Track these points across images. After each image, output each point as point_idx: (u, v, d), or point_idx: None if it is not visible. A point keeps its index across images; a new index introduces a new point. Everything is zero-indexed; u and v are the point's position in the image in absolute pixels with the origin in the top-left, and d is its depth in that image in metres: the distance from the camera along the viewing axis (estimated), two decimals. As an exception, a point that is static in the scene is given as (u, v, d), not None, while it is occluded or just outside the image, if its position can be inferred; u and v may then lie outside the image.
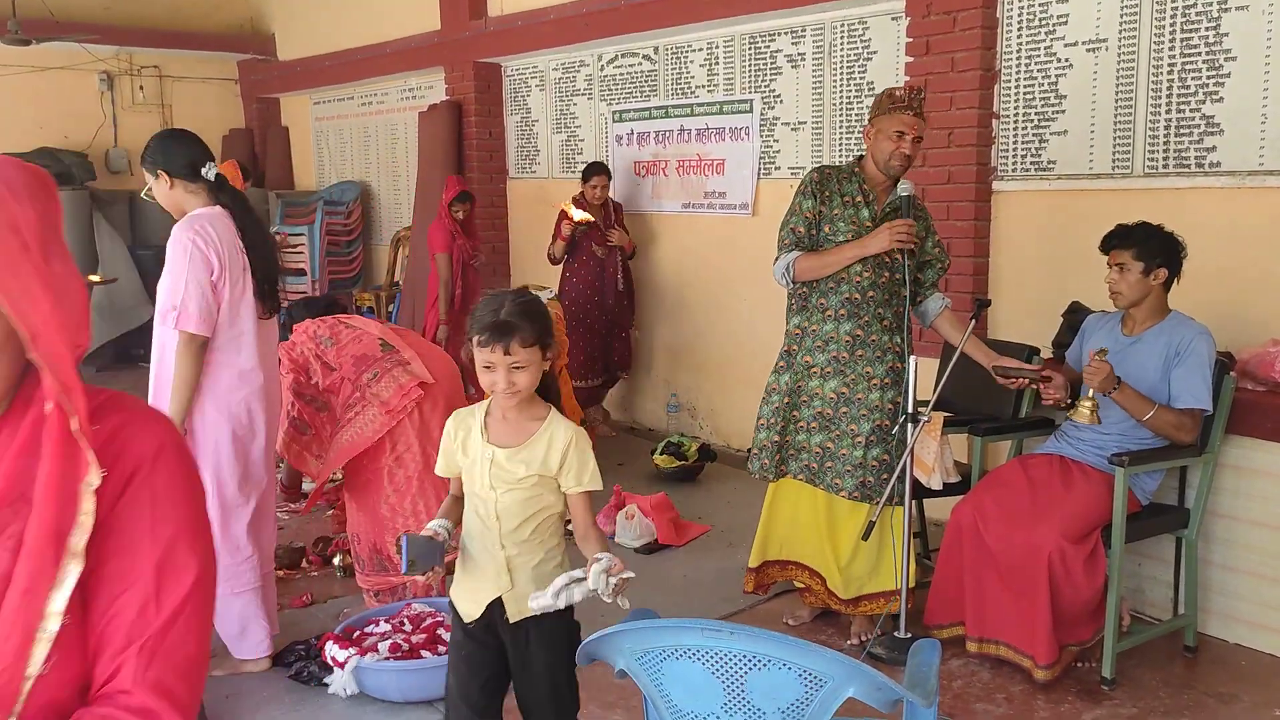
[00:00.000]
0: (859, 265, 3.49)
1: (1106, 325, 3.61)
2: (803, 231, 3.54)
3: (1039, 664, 3.25)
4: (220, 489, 3.22)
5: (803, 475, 3.60)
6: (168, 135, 3.29)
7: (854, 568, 3.60)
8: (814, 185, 3.56)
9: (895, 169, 3.51)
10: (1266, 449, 3.48)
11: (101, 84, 9.90)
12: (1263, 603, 3.53)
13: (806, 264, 3.51)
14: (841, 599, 3.61)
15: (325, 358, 3.74)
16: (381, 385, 3.63)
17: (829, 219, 3.54)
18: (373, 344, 3.75)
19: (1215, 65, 4.06)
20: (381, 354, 3.71)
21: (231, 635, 3.38)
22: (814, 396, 3.56)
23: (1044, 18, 4.59)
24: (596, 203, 6.25)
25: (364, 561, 3.78)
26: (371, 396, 3.62)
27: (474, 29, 7.60)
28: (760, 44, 5.90)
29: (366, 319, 4.11)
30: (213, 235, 3.12)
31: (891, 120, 3.47)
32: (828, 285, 3.53)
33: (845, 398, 3.53)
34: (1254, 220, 3.99)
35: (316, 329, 3.80)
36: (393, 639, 3.32)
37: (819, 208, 3.54)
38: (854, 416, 3.53)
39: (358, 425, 3.63)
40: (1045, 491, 3.40)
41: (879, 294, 3.52)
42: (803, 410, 3.59)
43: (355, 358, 3.72)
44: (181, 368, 3.08)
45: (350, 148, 9.75)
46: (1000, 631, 3.35)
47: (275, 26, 10.41)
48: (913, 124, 3.47)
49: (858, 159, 3.65)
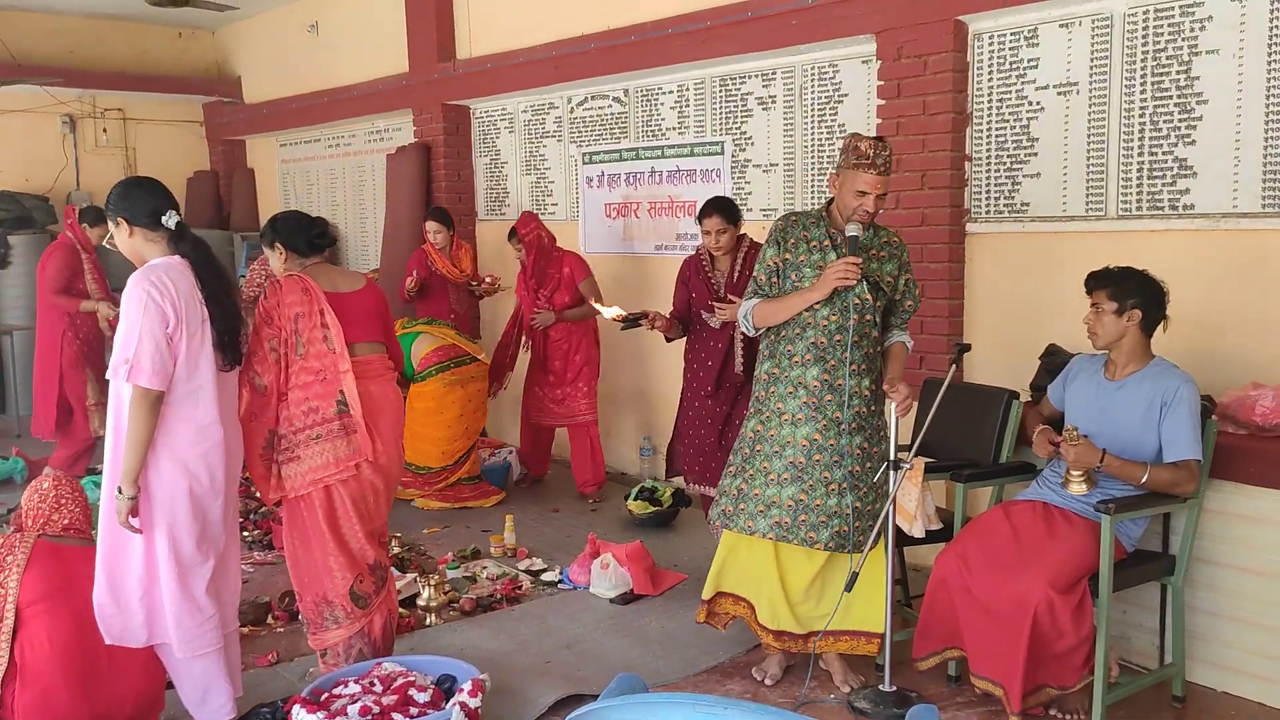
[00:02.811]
0: (825, 309, 3.45)
1: (1091, 368, 3.58)
2: (763, 279, 3.57)
3: (1012, 710, 3.20)
4: (176, 547, 3.09)
5: (773, 534, 3.51)
6: (130, 183, 3.20)
7: (805, 607, 3.60)
8: (778, 234, 3.57)
9: (860, 222, 3.47)
10: (1249, 494, 3.45)
11: (64, 127, 9.77)
12: (1250, 650, 3.49)
13: (764, 310, 3.53)
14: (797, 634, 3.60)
15: (287, 351, 3.44)
16: (316, 448, 3.42)
17: (795, 266, 3.52)
18: (330, 395, 3.43)
19: (1187, 108, 4.08)
20: (334, 414, 3.43)
21: (193, 700, 3.24)
22: (786, 445, 3.50)
23: (1014, 61, 4.60)
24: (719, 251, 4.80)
25: (309, 620, 3.60)
26: (304, 448, 3.42)
27: (443, 71, 7.57)
28: (731, 86, 5.89)
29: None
30: (169, 286, 3.02)
31: (855, 178, 3.42)
32: (794, 331, 3.50)
33: (818, 444, 3.47)
34: (1229, 262, 3.99)
35: (298, 315, 3.43)
36: (362, 701, 3.19)
37: (783, 255, 3.54)
38: (826, 464, 3.47)
39: (290, 470, 3.44)
40: (1030, 540, 3.34)
41: (846, 337, 3.47)
42: (774, 462, 3.52)
43: (306, 390, 3.44)
44: (135, 423, 2.97)
45: (317, 189, 9.66)
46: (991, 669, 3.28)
47: (242, 69, 10.35)
48: (875, 184, 3.41)
49: (828, 202, 3.62)
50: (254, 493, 5.91)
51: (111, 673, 3.15)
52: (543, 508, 5.96)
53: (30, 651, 3.05)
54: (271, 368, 3.42)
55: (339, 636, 3.54)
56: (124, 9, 9.18)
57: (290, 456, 3.45)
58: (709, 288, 4.73)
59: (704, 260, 4.78)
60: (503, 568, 4.93)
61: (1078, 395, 3.58)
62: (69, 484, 3.41)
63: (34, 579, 3.10)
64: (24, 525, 3.30)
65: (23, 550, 3.15)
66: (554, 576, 4.82)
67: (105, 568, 3.10)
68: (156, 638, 3.16)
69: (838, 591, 3.47)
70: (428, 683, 3.34)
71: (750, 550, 3.64)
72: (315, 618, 3.56)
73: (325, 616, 3.54)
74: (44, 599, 3.09)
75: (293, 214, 3.77)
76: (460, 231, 7.73)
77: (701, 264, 4.78)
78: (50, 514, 3.30)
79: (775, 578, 3.60)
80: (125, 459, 2.98)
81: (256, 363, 3.42)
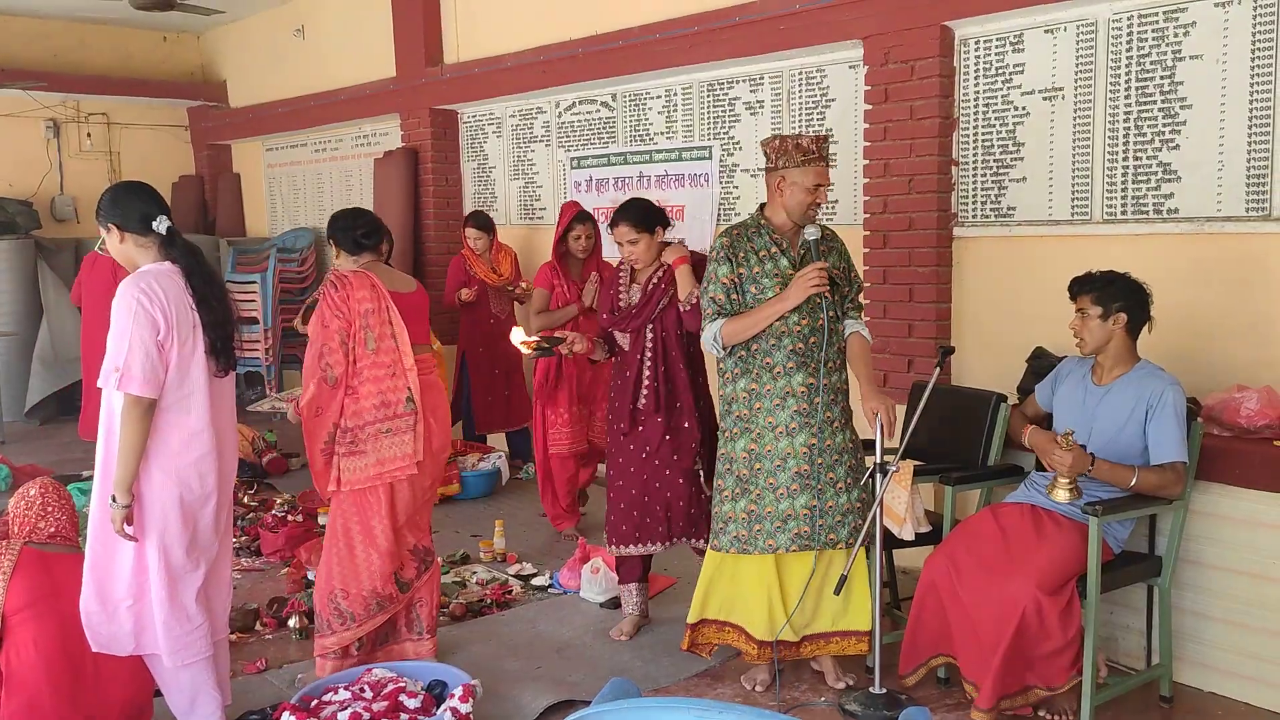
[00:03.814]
0: (795, 315, 3.47)
1: (1079, 371, 3.61)
2: (723, 299, 3.53)
3: (979, 706, 3.21)
4: (166, 555, 3.07)
5: (796, 545, 3.51)
6: (121, 188, 3.18)
7: (801, 616, 3.60)
8: (726, 250, 3.55)
9: (809, 219, 3.51)
10: (1235, 495, 3.48)
11: (48, 131, 9.73)
12: (1237, 650, 3.51)
13: (732, 328, 3.49)
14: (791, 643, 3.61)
15: (355, 345, 3.57)
16: (386, 442, 3.58)
17: (751, 279, 3.52)
18: (400, 390, 3.60)
19: (1171, 113, 4.11)
20: (405, 410, 3.60)
21: (181, 708, 3.22)
22: (787, 457, 3.49)
23: (1000, 66, 4.63)
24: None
25: (326, 620, 3.66)
26: (372, 442, 3.57)
27: (430, 75, 7.56)
28: (719, 91, 5.91)
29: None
30: (159, 293, 3.00)
31: (806, 174, 3.46)
32: (769, 343, 3.49)
33: (817, 448, 3.49)
34: (1213, 266, 4.03)
35: (368, 311, 3.58)
36: (352, 708, 3.18)
37: (737, 271, 3.53)
38: (829, 464, 3.50)
39: (352, 464, 3.58)
40: (1018, 542, 3.36)
41: (820, 338, 3.50)
42: (779, 476, 3.51)
43: (378, 384, 3.59)
44: (127, 431, 2.95)
45: (304, 194, 9.63)
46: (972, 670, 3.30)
47: (227, 73, 10.31)
48: (825, 175, 3.51)
49: (760, 209, 3.63)
50: (241, 499, 5.90)
51: (98, 680, 3.13)
52: (532, 513, 5.95)
53: (16, 659, 3.03)
54: (341, 360, 3.55)
55: (350, 638, 3.64)
56: (108, 13, 9.14)
57: (354, 450, 3.57)
58: (615, 308, 4.12)
59: (622, 274, 4.18)
60: (493, 573, 4.92)
61: (1065, 398, 3.60)
62: (56, 491, 3.40)
63: (20, 586, 3.09)
64: (10, 532, 3.28)
65: (9, 557, 3.13)
66: (544, 581, 4.82)
67: (94, 575, 3.08)
68: (144, 648, 3.13)
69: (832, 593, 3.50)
70: (418, 688, 3.34)
71: (748, 566, 3.61)
72: (348, 614, 3.64)
73: (368, 609, 3.64)
74: (29, 606, 3.07)
75: (344, 212, 3.89)
76: (449, 236, 7.74)
77: (620, 277, 4.19)
78: (37, 521, 3.28)
79: (776, 588, 3.58)
80: (118, 467, 2.96)
81: (328, 354, 3.54)
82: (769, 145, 3.55)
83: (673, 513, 4.02)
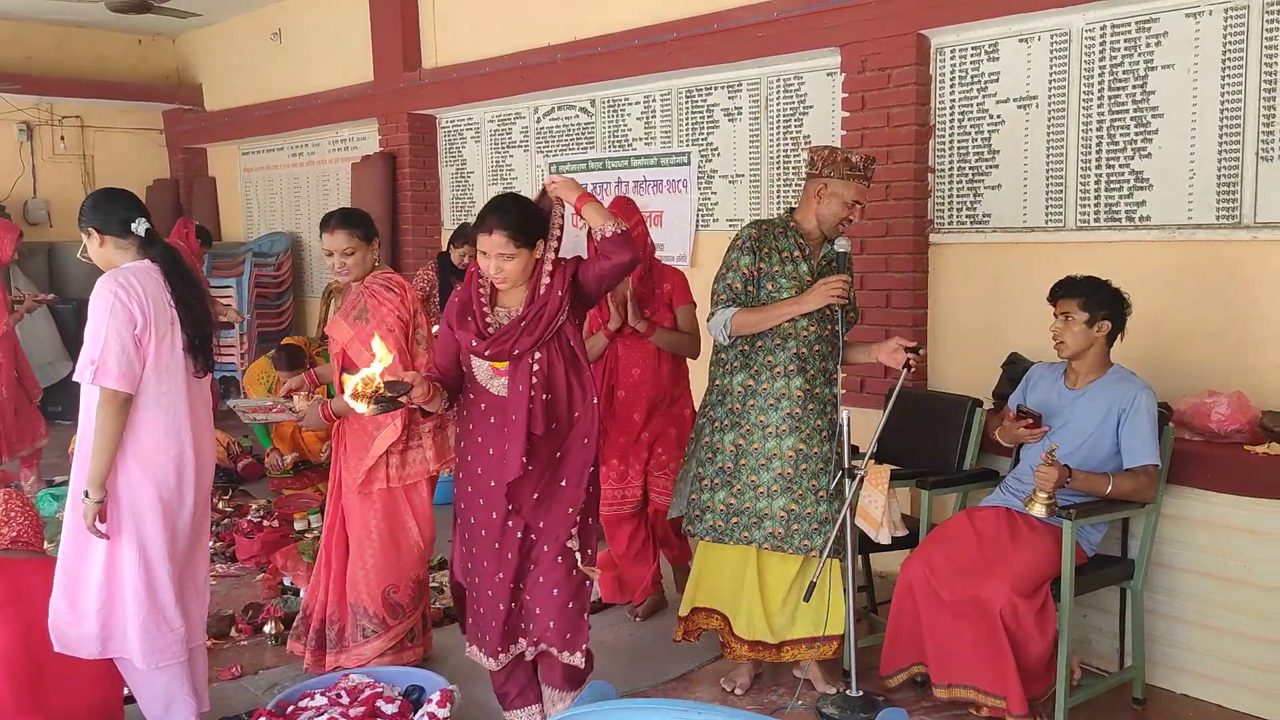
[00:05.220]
0: (804, 320, 3.49)
1: (1051, 376, 3.64)
2: (739, 288, 3.53)
3: (1012, 711, 3.22)
4: (145, 554, 3.04)
5: (768, 544, 3.53)
6: (101, 194, 3.18)
7: (780, 618, 3.61)
8: (752, 242, 3.55)
9: (839, 233, 3.54)
10: (1206, 499, 3.52)
11: (20, 134, 9.64)
12: (1208, 653, 3.55)
13: (744, 319, 3.50)
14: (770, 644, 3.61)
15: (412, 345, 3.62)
16: (439, 437, 3.67)
17: (769, 276, 3.54)
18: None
19: (1143, 122, 4.17)
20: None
21: (155, 713, 3.18)
22: (772, 458, 3.51)
23: (975, 75, 4.68)
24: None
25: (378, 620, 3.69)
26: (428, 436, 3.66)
27: (408, 80, 7.55)
28: (697, 97, 5.93)
29: None
30: (137, 288, 2.99)
31: (850, 189, 3.50)
32: (773, 342, 3.52)
33: (803, 454, 3.50)
34: (1184, 272, 4.08)
35: (416, 311, 3.68)
36: (329, 713, 3.17)
37: (758, 264, 3.54)
38: (813, 472, 3.51)
39: (414, 457, 3.66)
40: (994, 545, 3.39)
41: (824, 348, 3.53)
42: (761, 475, 3.53)
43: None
44: (102, 426, 2.93)
45: (280, 198, 9.59)
46: (968, 676, 3.31)
47: (203, 77, 10.26)
48: (865, 195, 3.55)
49: (789, 212, 3.65)
50: (216, 504, 5.85)
51: (63, 685, 3.09)
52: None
53: (-25, 662, 2.99)
54: (421, 355, 3.63)
55: (403, 630, 3.71)
56: (83, 15, 9.07)
57: (415, 444, 3.64)
58: (483, 332, 3.02)
59: (482, 292, 3.11)
60: (470, 578, 4.90)
61: (1038, 404, 3.63)
62: (18, 498, 3.40)
63: (-23, 591, 3.05)
64: (-31, 540, 3.25)
65: (-34, 564, 3.10)
66: (521, 586, 4.80)
67: (64, 574, 3.05)
68: (111, 651, 3.09)
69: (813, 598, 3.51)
70: (395, 694, 3.32)
71: (731, 560, 3.64)
72: (401, 607, 3.70)
73: (413, 598, 3.74)
74: (-12, 610, 3.04)
75: None
76: (425, 241, 7.72)
77: (479, 296, 3.09)
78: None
79: (755, 587, 3.61)
80: (92, 462, 2.94)
81: (430, 351, 3.58)
82: (818, 153, 3.56)
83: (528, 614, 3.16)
